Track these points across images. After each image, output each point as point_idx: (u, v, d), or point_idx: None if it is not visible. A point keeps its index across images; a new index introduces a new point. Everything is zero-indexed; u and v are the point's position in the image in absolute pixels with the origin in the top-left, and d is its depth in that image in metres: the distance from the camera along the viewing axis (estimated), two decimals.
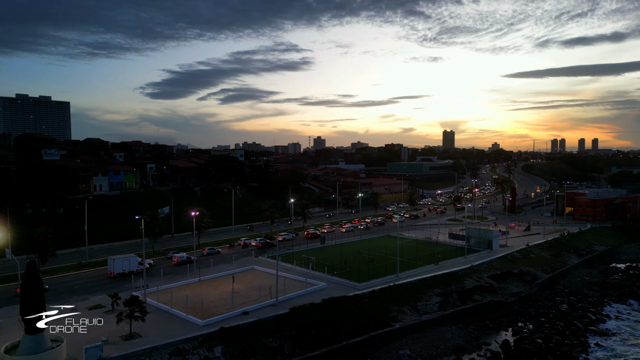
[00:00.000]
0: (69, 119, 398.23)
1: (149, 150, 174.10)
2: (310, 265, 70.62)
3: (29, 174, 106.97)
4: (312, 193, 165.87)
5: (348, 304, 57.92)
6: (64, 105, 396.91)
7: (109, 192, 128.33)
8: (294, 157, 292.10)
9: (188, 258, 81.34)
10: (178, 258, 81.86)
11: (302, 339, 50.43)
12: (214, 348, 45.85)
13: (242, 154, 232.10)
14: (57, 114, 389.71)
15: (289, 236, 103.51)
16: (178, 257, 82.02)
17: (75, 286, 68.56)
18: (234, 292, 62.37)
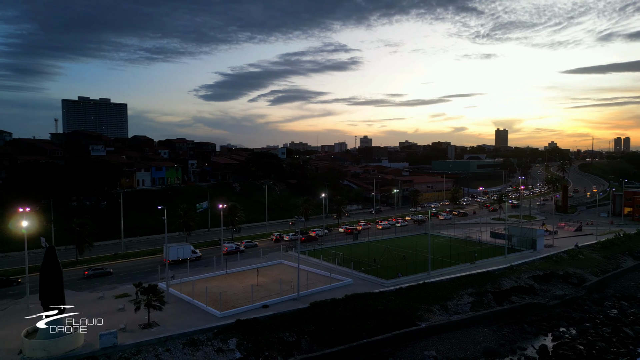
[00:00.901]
0: (126, 119, 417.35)
1: (192, 147, 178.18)
2: (337, 260, 68.81)
3: (76, 168, 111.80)
4: (351, 190, 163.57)
5: (372, 300, 55.62)
6: (121, 106, 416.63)
7: (151, 187, 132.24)
8: (336, 156, 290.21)
9: (237, 248, 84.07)
10: (227, 248, 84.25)
11: (321, 334, 48.73)
12: (228, 340, 45.07)
13: (284, 151, 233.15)
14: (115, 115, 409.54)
15: (321, 232, 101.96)
16: (227, 247, 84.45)
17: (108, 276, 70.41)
18: (258, 286, 61.80)
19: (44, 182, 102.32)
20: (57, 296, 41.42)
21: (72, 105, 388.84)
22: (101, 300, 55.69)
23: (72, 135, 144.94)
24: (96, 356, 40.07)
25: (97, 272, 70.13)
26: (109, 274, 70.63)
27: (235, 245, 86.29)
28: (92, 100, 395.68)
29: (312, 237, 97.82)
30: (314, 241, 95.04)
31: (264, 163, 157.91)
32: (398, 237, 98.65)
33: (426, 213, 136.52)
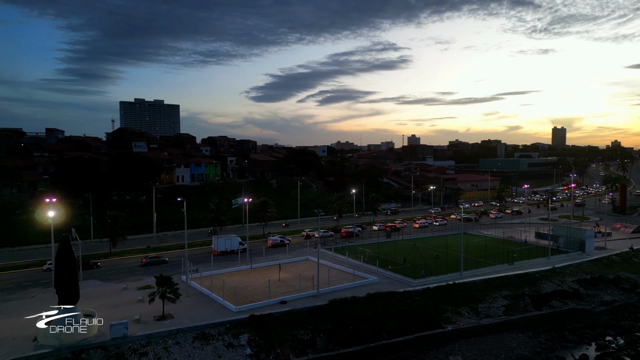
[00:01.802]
0: (179, 119, 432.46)
1: (233, 145, 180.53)
2: (362, 258, 66.25)
3: (117, 164, 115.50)
4: (390, 188, 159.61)
5: (395, 300, 52.73)
6: (174, 107, 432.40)
7: (190, 183, 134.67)
8: (379, 154, 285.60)
9: (282, 241, 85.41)
10: (272, 241, 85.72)
11: (338, 333, 46.55)
12: (240, 335, 43.84)
13: (324, 149, 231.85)
14: (168, 115, 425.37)
15: (353, 229, 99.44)
16: (272, 240, 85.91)
17: (136, 267, 71.54)
18: (280, 281, 60.47)
19: (87, 177, 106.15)
20: (71, 285, 41.79)
21: (128, 107, 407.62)
22: (124, 291, 56.22)
23: (117, 133, 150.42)
24: (106, 346, 39.94)
25: (153, 260, 72.51)
26: (164, 262, 72.97)
27: (281, 238, 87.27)
28: (147, 102, 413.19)
29: (351, 234, 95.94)
30: (351, 238, 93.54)
31: (301, 160, 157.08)
32: (435, 235, 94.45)
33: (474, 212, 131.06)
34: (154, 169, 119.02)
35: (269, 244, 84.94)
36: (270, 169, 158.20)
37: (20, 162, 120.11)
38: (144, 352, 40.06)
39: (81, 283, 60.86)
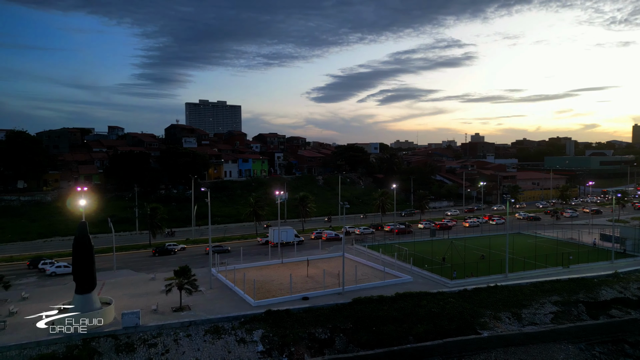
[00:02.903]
0: (240, 119, 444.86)
1: (282, 142, 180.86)
2: (396, 255, 62.23)
3: (166, 159, 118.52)
4: (442, 186, 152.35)
5: (426, 301, 48.54)
6: (236, 108, 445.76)
7: (237, 178, 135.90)
8: (436, 151, 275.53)
9: (336, 236, 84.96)
10: (327, 235, 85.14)
11: (359, 334, 43.30)
12: (254, 331, 41.85)
13: (377, 146, 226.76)
14: (230, 116, 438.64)
15: (396, 226, 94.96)
16: (327, 234, 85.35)
17: (172, 259, 72.00)
18: (309, 277, 58.06)
19: (136, 171, 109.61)
20: (87, 273, 41.75)
21: (193, 108, 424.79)
22: (151, 281, 56.23)
23: (170, 129, 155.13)
24: (116, 335, 39.42)
25: (216, 249, 73.53)
26: (227, 252, 74.37)
27: (335, 233, 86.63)
28: (210, 103, 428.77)
29: (404, 230, 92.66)
30: (407, 234, 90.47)
31: (349, 156, 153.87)
32: (484, 235, 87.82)
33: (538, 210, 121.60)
34: (200, 164, 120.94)
35: (324, 238, 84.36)
36: (317, 165, 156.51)
37: (79, 157, 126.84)
38: (153, 343, 39.13)
39: (114, 272, 62.42)
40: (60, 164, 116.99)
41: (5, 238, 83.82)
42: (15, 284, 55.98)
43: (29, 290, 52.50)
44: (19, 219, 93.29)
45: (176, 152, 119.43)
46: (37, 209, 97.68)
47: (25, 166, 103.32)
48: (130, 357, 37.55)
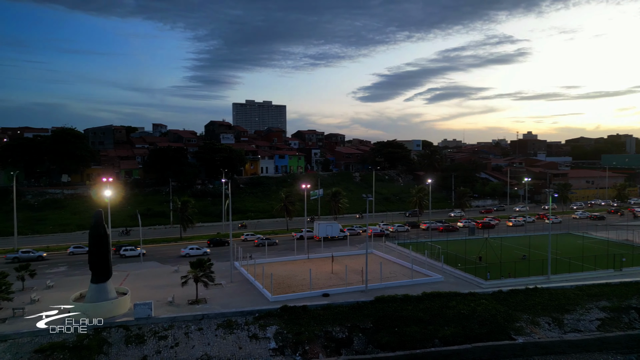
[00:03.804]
0: (285, 119, 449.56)
1: (321, 138, 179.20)
2: (427, 253, 58.62)
3: (202, 154, 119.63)
4: (487, 184, 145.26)
5: (456, 302, 44.93)
6: (281, 108, 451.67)
7: (274, 174, 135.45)
8: (482, 149, 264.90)
9: (382, 231, 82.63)
10: (373, 230, 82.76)
11: (380, 334, 40.49)
12: (267, 327, 40.00)
13: (419, 143, 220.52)
14: (276, 115, 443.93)
15: (433, 224, 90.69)
16: (373, 230, 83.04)
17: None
18: (333, 273, 55.73)
19: (173, 166, 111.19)
20: (102, 262, 41.41)
21: (240, 108, 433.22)
22: (174, 274, 55.60)
23: (209, 126, 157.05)
24: (128, 326, 38.71)
25: (264, 241, 74.56)
26: (275, 244, 74.82)
27: (381, 228, 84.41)
28: (256, 103, 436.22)
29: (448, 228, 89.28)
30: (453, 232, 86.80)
31: (388, 153, 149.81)
32: (529, 235, 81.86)
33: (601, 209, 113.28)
34: (237, 160, 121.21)
35: (369, 233, 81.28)
36: (355, 162, 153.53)
37: (122, 153, 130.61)
38: (164, 335, 38.10)
39: (140, 264, 62.59)
40: (103, 159, 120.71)
41: (47, 229, 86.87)
42: (45, 272, 57.24)
43: (55, 279, 53.29)
44: (61, 211, 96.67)
45: (213, 148, 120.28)
46: (79, 202, 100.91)
47: (69, 161, 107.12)
48: (140, 348, 36.66)
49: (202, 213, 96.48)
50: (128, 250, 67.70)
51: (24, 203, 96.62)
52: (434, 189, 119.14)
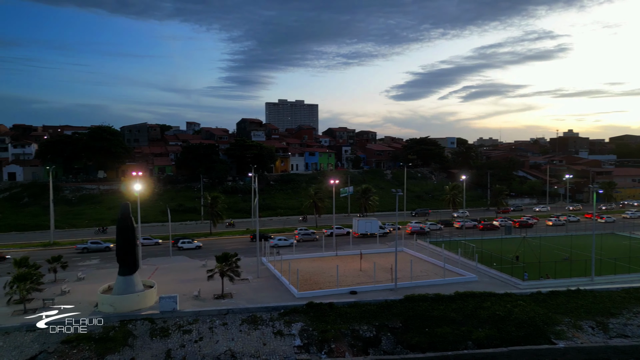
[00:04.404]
0: (317, 118, 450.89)
1: (352, 136, 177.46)
2: (460, 252, 56.22)
3: (233, 151, 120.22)
4: (524, 182, 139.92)
5: (491, 302, 42.66)
6: (313, 107, 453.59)
7: (304, 171, 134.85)
8: (519, 147, 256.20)
9: (421, 229, 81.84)
10: (412, 227, 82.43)
11: (409, 334, 38.78)
12: (292, 324, 38.98)
13: (454, 141, 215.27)
14: (308, 114, 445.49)
15: (468, 223, 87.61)
16: (412, 227, 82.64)
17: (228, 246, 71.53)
18: (362, 270, 54.26)
19: (204, 163, 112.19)
20: (129, 254, 41.46)
21: (273, 107, 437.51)
22: (201, 268, 55.28)
23: (240, 123, 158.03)
24: (153, 319, 38.52)
25: (306, 235, 75.66)
26: (315, 240, 75.18)
27: (420, 226, 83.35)
28: (289, 102, 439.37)
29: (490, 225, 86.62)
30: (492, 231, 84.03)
31: (421, 150, 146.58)
32: (570, 235, 77.80)
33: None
34: (267, 157, 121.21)
35: (408, 231, 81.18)
36: (387, 159, 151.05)
37: (156, 150, 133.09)
38: (188, 329, 37.69)
39: (170, 258, 62.96)
40: (137, 156, 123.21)
41: (83, 223, 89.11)
42: (77, 265, 58.33)
43: (87, 272, 54.10)
44: (97, 206, 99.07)
45: (244, 145, 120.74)
46: (114, 198, 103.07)
47: (104, 157, 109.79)
48: (164, 342, 36.35)
49: (232, 209, 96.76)
50: (185, 242, 70.21)
51: (62, 198, 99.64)
52: (469, 187, 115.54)
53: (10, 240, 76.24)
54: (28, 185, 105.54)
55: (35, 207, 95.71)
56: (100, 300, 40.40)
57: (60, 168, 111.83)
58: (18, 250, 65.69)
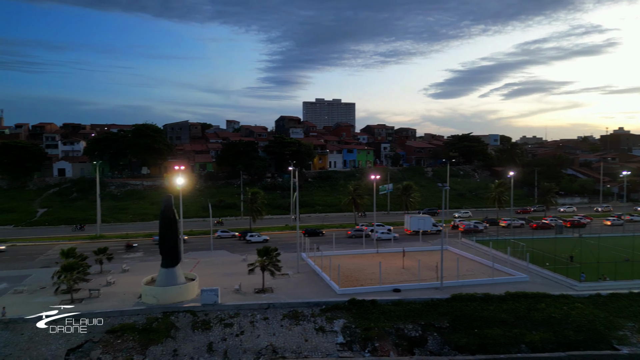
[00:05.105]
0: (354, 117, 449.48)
1: (390, 133, 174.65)
2: (509, 250, 53.42)
3: (273, 148, 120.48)
4: (574, 180, 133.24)
5: (545, 304, 40.13)
6: (350, 106, 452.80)
7: (342, 168, 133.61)
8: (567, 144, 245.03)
9: (475, 227, 79.70)
10: (465, 225, 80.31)
11: (457, 335, 36.92)
12: (334, 320, 37.93)
13: (497, 138, 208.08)
14: (345, 113, 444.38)
15: (516, 222, 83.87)
16: (465, 225, 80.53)
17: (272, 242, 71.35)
18: (404, 268, 52.52)
19: (245, 159, 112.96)
20: (171, 247, 41.58)
21: (310, 106, 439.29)
22: (241, 262, 55.14)
23: (279, 121, 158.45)
24: (195, 311, 38.39)
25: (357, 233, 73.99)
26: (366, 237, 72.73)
27: (474, 224, 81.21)
28: (326, 101, 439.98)
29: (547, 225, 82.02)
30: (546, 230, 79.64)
31: (463, 147, 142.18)
32: (628, 235, 72.92)
33: None
34: (305, 154, 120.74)
35: (461, 229, 78.78)
36: (427, 156, 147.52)
37: (197, 147, 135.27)
38: (229, 322, 37.33)
39: (210, 252, 63.24)
40: (179, 153, 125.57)
41: (127, 218, 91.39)
42: (122, 257, 59.48)
43: (131, 264, 54.99)
44: (141, 201, 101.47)
45: (282, 142, 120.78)
46: (157, 193, 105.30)
47: (148, 154, 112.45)
48: (205, 335, 36.11)
49: (271, 206, 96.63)
50: (254, 236, 71.80)
51: (108, 193, 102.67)
52: (514, 185, 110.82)
53: (60, 233, 79.03)
54: (76, 180, 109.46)
55: (83, 201, 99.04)
56: (144, 292, 40.70)
57: (106, 164, 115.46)
58: (67, 243, 67.67)
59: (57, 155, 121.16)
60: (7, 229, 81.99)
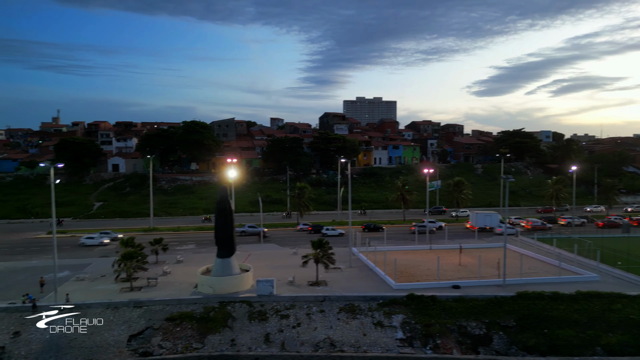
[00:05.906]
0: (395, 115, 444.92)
1: (437, 129, 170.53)
2: (576, 248, 50.16)
3: (318, 144, 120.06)
4: (636, 178, 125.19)
5: (622, 305, 37.26)
6: (391, 104, 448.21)
7: (387, 164, 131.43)
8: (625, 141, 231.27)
9: (542, 224, 77.29)
10: (532, 223, 78.06)
11: (525, 335, 34.82)
12: (393, 315, 36.67)
13: (549, 134, 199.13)
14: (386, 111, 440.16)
15: (577, 220, 79.41)
16: (532, 222, 78.33)
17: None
18: (461, 265, 50.46)
19: (290, 155, 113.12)
20: (226, 237, 41.58)
21: (350, 105, 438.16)
22: (292, 255, 55.00)
23: (323, 117, 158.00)
24: (251, 302, 38.17)
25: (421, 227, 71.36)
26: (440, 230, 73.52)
27: (542, 221, 78.61)
28: (367, 100, 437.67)
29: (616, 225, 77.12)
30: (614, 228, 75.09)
31: (515, 143, 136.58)
32: None
33: None
34: (350, 150, 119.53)
35: (528, 226, 76.46)
36: (476, 153, 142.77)
37: (243, 144, 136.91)
38: (285, 314, 36.84)
39: (260, 245, 63.34)
40: (226, 150, 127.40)
41: (178, 212, 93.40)
42: (176, 249, 60.46)
43: (185, 255, 55.72)
44: (190, 196, 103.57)
45: (327, 138, 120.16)
46: (205, 188, 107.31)
47: (197, 150, 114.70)
48: (262, 325, 35.79)
49: (316, 201, 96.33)
50: (329, 230, 72.35)
51: (159, 188, 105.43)
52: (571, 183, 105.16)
53: (115, 225, 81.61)
54: (129, 175, 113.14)
55: (136, 195, 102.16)
56: (200, 282, 40.92)
57: (157, 160, 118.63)
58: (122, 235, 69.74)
59: (111, 151, 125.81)
60: (66, 221, 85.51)
